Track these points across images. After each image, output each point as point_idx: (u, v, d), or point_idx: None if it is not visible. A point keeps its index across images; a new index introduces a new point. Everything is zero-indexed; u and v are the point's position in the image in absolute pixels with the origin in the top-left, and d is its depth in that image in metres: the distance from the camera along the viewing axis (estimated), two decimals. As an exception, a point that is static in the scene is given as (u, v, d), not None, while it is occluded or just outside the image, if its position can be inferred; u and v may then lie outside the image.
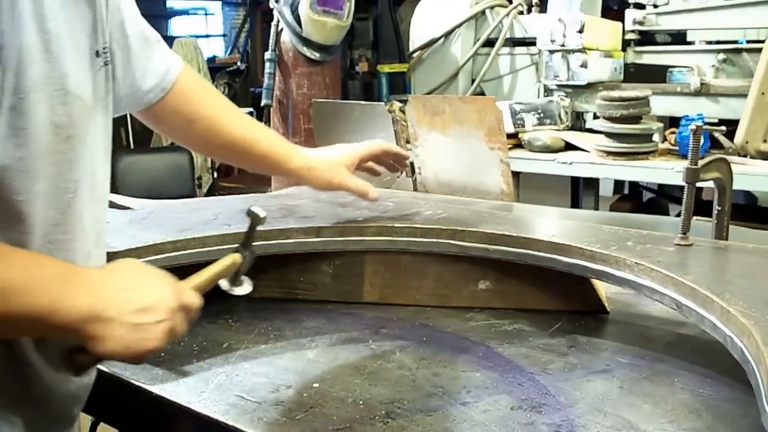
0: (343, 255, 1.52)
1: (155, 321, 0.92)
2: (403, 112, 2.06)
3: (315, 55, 3.82)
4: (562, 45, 3.54)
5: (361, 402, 1.12)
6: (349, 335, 1.38)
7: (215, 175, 7.05)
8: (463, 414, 1.08)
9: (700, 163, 1.35)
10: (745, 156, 2.92)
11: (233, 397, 1.14)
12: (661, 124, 3.28)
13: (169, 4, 11.69)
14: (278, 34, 3.87)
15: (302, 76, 3.89)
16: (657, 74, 3.70)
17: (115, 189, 1.41)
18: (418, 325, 1.42)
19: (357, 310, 1.49)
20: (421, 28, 4.19)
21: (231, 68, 8.55)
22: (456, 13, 4.03)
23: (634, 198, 4.46)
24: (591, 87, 3.55)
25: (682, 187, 1.37)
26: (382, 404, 1.11)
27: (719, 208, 1.42)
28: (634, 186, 4.43)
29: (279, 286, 1.54)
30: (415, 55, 4.26)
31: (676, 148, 3.10)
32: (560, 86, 3.63)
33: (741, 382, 0.95)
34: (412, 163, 1.95)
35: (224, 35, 12.02)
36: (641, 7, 3.68)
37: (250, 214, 1.17)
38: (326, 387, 1.18)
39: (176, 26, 11.71)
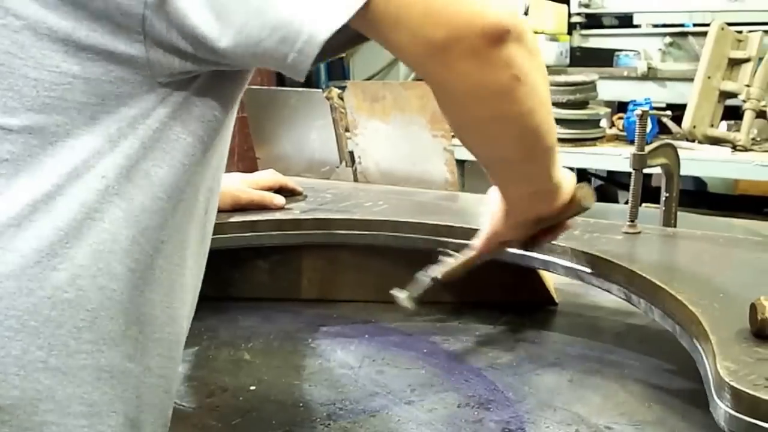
0: (279, 250, 1.51)
1: None
2: (342, 99, 2.05)
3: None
4: (507, 28, 3.56)
5: (300, 404, 1.12)
6: (287, 334, 1.37)
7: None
8: (408, 413, 1.08)
9: (647, 148, 1.38)
10: (693, 141, 2.99)
11: (165, 402, 1.13)
12: (608, 110, 3.33)
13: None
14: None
15: (234, 62, 3.84)
16: (604, 58, 3.76)
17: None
18: (359, 322, 1.43)
19: (295, 308, 1.49)
20: (359, 11, 4.17)
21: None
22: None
23: (582, 185, 4.52)
24: (537, 71, 3.58)
25: (630, 174, 1.39)
26: (323, 406, 1.11)
27: (667, 195, 1.45)
28: (583, 173, 4.50)
29: (211, 283, 1.51)
30: (353, 39, 4.24)
31: (625, 133, 3.16)
32: (505, 71, 3.66)
33: (691, 372, 0.97)
34: (351, 153, 1.94)
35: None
36: (587, -12, 3.74)
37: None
38: (264, 389, 1.17)
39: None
